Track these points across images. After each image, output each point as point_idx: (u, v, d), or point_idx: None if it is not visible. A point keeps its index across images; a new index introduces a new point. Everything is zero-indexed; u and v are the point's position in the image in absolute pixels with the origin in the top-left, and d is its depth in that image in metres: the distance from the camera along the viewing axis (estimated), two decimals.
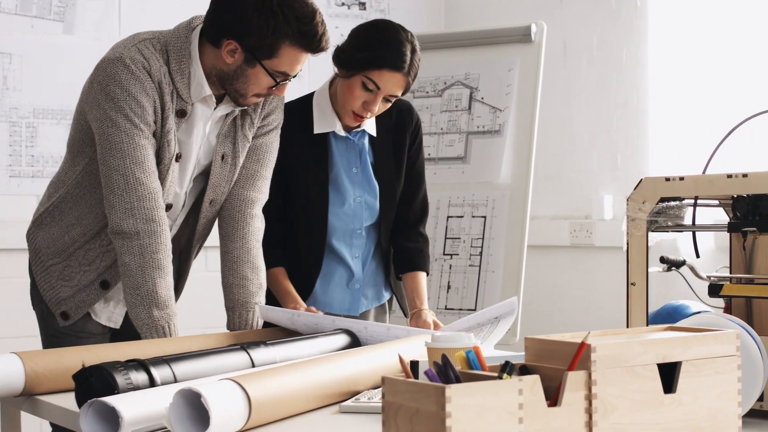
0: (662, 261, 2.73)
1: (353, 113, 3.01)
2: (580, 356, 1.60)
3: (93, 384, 2.02)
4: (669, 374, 1.69)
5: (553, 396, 1.59)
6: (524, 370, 1.66)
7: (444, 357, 1.57)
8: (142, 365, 2.10)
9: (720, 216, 3.18)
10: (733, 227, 2.16)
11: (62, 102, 4.60)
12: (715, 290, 2.21)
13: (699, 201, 2.30)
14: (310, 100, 3.14)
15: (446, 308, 4.26)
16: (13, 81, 4.52)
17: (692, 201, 2.27)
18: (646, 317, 2.21)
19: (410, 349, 2.43)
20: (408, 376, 1.60)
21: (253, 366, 2.31)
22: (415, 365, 2.35)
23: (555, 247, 5.17)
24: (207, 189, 2.82)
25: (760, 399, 2.01)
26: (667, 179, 2.19)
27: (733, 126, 2.35)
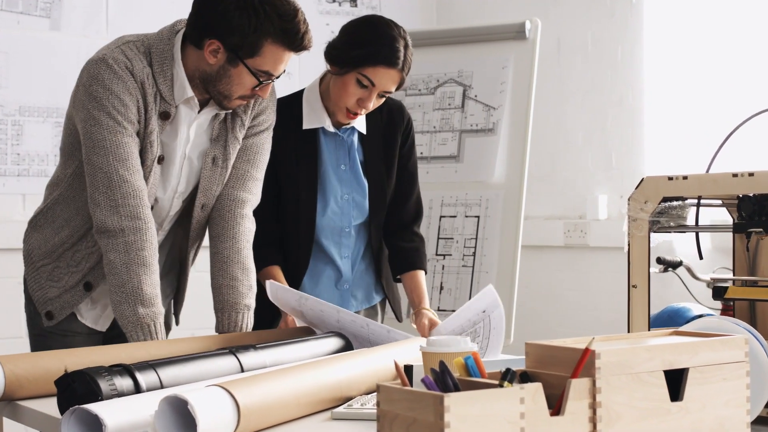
0: (659, 262, 2.67)
1: (347, 110, 3.00)
2: (584, 363, 1.54)
3: (76, 390, 1.97)
4: (675, 381, 1.63)
5: (556, 404, 1.53)
6: (525, 377, 1.60)
7: (442, 364, 1.50)
8: (127, 370, 2.05)
9: (720, 216, 3.13)
10: (739, 228, 2.10)
11: (49, 99, 4.58)
12: (720, 293, 2.15)
13: (701, 201, 2.24)
14: (300, 97, 3.13)
15: (439, 309, 4.21)
16: None
17: (695, 201, 2.20)
18: (648, 321, 2.15)
19: (404, 353, 2.37)
20: (404, 384, 1.53)
21: (243, 371, 2.26)
22: (409, 370, 2.29)
23: (549, 248, 5.13)
24: (198, 194, 2.80)
25: None
26: (670, 178, 2.13)
27: (738, 124, 2.29)
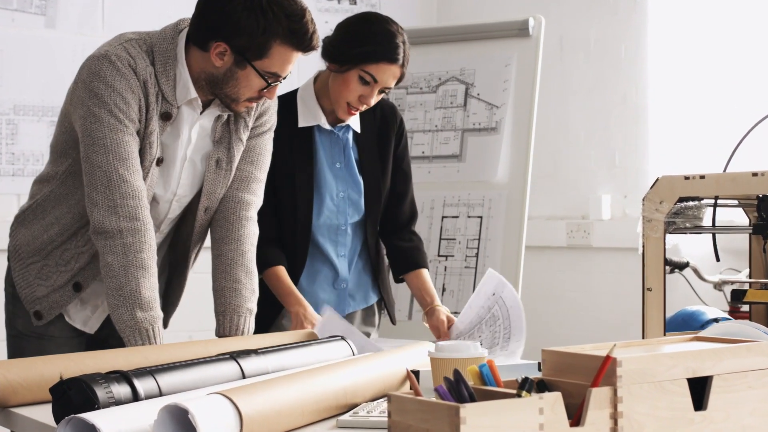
0: (665, 263, 2.61)
1: (348, 106, 3.01)
2: (605, 371, 1.47)
3: (72, 398, 1.91)
4: (699, 389, 1.57)
5: (576, 415, 1.47)
6: (542, 386, 1.53)
7: (456, 372, 1.43)
8: (125, 377, 1.98)
9: (731, 217, 3.06)
10: (759, 229, 2.03)
11: (44, 98, 4.54)
12: (738, 296, 2.08)
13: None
14: (294, 96, 3.14)
15: None
16: None
17: (710, 201, 2.13)
18: (664, 325, 2.08)
19: (411, 359, 2.30)
20: (417, 394, 1.46)
21: (244, 377, 2.20)
22: (415, 375, 2.23)
23: (551, 248, 5.08)
24: (201, 196, 2.76)
25: None
26: (686, 177, 2.06)
27: (756, 122, 2.22)
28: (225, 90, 2.61)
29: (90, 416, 1.75)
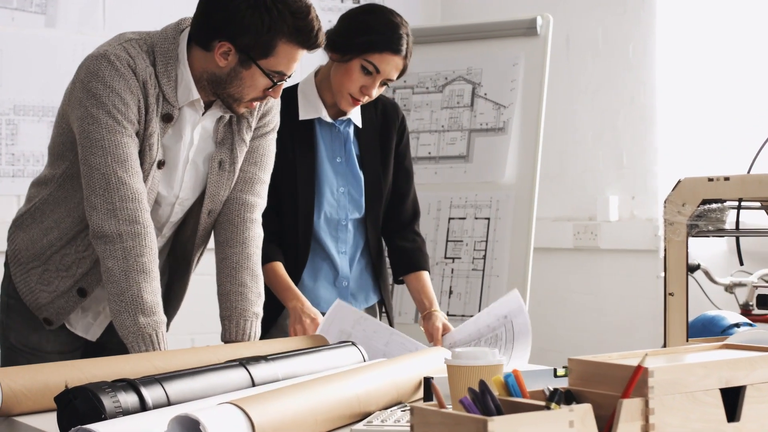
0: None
1: (351, 97, 3.00)
2: (636, 381, 1.41)
3: (77, 407, 1.86)
4: (731, 400, 1.51)
5: (605, 427, 1.41)
6: (569, 397, 1.46)
7: (482, 383, 1.37)
8: (132, 385, 1.93)
9: (755, 220, 2.99)
10: None
11: (44, 98, 4.52)
12: (764, 302, 2.02)
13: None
14: (295, 90, 3.12)
15: (448, 314, 4.08)
16: None
17: (734, 203, 2.07)
18: (686, 331, 2.02)
19: (426, 365, 2.25)
20: (441, 406, 1.40)
21: (254, 384, 2.15)
22: (428, 383, 2.17)
23: (558, 250, 5.04)
24: (205, 199, 2.71)
25: None
26: (710, 179, 2.00)
27: None
28: (228, 90, 2.57)
29: (97, 427, 1.71)
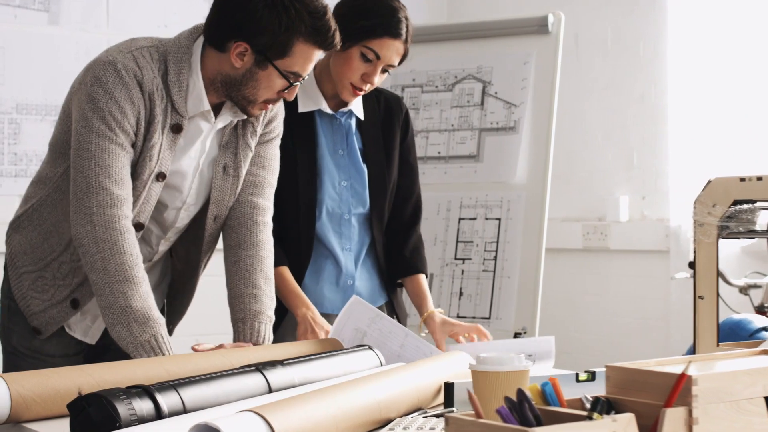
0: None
1: (352, 86, 2.93)
2: (680, 389, 1.35)
3: (91, 415, 1.80)
4: None
5: None
6: (608, 405, 1.41)
7: (520, 392, 1.31)
8: (147, 392, 1.88)
9: None
10: None
11: (47, 97, 4.51)
12: None
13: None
14: None
15: (458, 316, 4.04)
16: None
17: (766, 204, 2.02)
18: (717, 336, 1.96)
19: (448, 370, 2.19)
20: (478, 416, 1.34)
21: (271, 390, 2.09)
22: (450, 388, 2.12)
23: (567, 251, 5.00)
24: (210, 205, 2.66)
25: None
26: (742, 179, 1.95)
27: None
28: (243, 92, 2.52)
29: None
